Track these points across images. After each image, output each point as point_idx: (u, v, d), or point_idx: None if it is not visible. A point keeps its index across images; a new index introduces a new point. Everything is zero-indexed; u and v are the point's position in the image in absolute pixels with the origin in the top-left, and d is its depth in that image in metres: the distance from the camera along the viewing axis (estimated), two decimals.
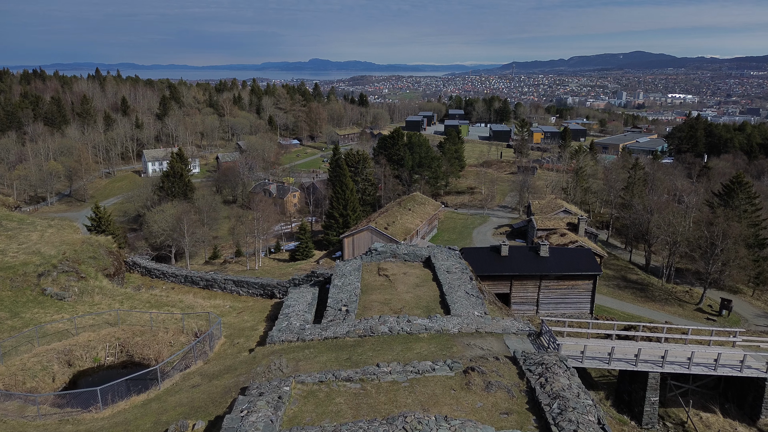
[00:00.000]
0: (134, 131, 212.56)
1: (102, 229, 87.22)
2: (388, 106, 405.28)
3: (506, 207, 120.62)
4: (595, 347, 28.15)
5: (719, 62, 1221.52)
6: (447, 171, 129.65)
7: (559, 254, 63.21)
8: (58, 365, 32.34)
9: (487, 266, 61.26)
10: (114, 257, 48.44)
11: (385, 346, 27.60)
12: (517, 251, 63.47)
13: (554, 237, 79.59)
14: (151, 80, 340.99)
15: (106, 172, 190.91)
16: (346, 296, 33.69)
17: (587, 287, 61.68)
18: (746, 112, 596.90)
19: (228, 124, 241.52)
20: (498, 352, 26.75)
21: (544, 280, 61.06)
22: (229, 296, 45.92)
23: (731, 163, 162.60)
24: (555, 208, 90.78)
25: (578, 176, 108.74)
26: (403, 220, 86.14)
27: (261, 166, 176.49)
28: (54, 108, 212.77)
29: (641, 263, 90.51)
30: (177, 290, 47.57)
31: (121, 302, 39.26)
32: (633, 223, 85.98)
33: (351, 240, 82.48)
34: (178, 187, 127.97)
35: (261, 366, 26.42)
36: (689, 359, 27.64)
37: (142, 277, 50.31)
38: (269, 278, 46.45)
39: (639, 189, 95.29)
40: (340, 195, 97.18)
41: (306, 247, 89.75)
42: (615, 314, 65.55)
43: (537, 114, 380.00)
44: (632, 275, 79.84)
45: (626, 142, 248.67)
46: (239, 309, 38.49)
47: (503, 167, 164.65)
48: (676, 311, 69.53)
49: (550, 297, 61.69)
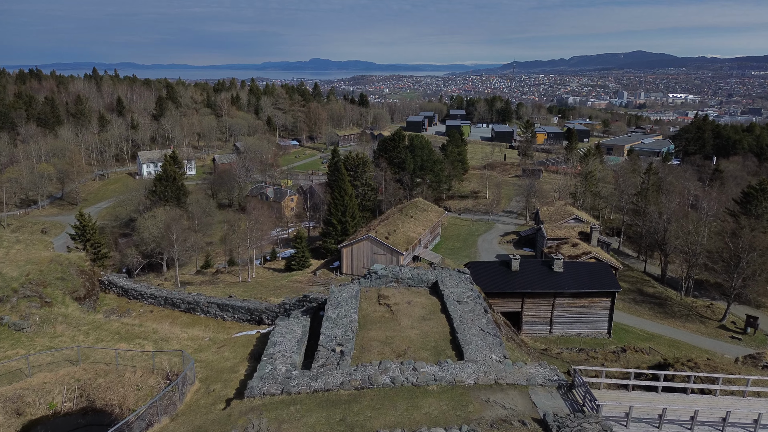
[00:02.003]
0: (129, 132, 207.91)
1: (87, 237, 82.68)
2: (388, 106, 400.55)
3: (512, 212, 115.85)
4: (642, 407, 23.40)
5: (720, 62, 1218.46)
6: (450, 174, 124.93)
7: (574, 269, 58.51)
8: (4, 415, 27.65)
9: (497, 282, 56.59)
10: (86, 277, 43.77)
11: (387, 402, 22.93)
12: (528, 266, 58.77)
13: (565, 247, 74.89)
14: (149, 80, 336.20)
15: (99, 173, 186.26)
16: (342, 332, 29.02)
17: (605, 305, 56.99)
18: (748, 112, 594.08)
19: (226, 124, 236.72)
20: (524, 412, 22.07)
21: (559, 298, 56.37)
22: (212, 322, 41.30)
23: (741, 165, 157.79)
24: (565, 215, 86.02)
25: (587, 181, 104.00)
26: (405, 228, 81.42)
27: (258, 168, 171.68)
28: (47, 108, 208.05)
29: (656, 274, 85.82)
30: (155, 314, 42.92)
31: (86, 333, 34.60)
32: (648, 231, 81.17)
33: (350, 250, 77.78)
34: (171, 191, 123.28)
35: (236, 429, 21.77)
36: (755, 422, 22.84)
37: (118, 298, 45.68)
38: (256, 302, 41.84)
39: (653, 195, 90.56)
40: (339, 201, 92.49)
41: (302, 256, 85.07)
42: (634, 333, 60.91)
43: (539, 114, 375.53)
44: (649, 288, 75.11)
45: (631, 143, 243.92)
46: (220, 342, 33.86)
47: (507, 169, 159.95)
48: (698, 329, 64.84)
49: (564, 316, 57.00)
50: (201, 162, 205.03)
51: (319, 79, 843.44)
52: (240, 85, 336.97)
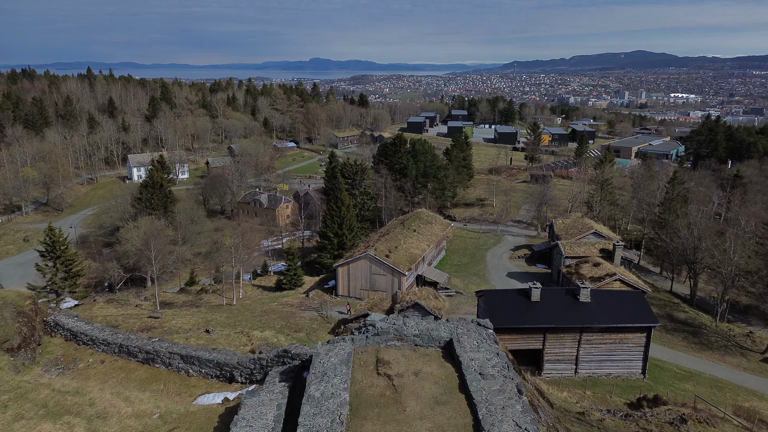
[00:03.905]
0: (120, 134, 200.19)
1: (57, 254, 75.09)
2: (389, 106, 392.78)
3: (521, 222, 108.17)
4: None
5: (721, 62, 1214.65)
6: (454, 181, 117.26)
7: (603, 299, 50.87)
8: None
9: (515, 315, 49.02)
10: (25, 320, 36.33)
11: None
12: (551, 295, 51.11)
13: (586, 267, 67.29)
14: (144, 80, 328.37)
15: (88, 177, 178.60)
16: (326, 423, 21.45)
17: (639, 341, 49.37)
18: (750, 111, 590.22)
19: (221, 125, 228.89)
20: None
21: (586, 333, 48.75)
22: (174, 378, 33.86)
23: (759, 170, 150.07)
24: (583, 229, 78.36)
25: (604, 189, 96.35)
26: (408, 244, 73.77)
27: (253, 172, 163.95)
28: (35, 109, 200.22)
29: (683, 293, 78.25)
30: (107, 365, 35.43)
31: (4, 407, 27.02)
32: (675, 248, 73.52)
33: (346, 269, 70.11)
34: (158, 199, 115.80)
35: None
36: None
37: (65, 344, 38.26)
38: (228, 353, 34.37)
39: (679, 206, 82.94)
40: (335, 212, 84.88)
41: (294, 275, 77.43)
42: (670, 371, 53.33)
43: (543, 115, 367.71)
44: (679, 313, 67.45)
45: (639, 146, 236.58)
46: (172, 421, 26.36)
47: (514, 174, 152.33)
48: (739, 363, 57.29)
49: (592, 353, 49.38)
50: (195, 165, 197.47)
51: (319, 78, 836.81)
52: (237, 85, 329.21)
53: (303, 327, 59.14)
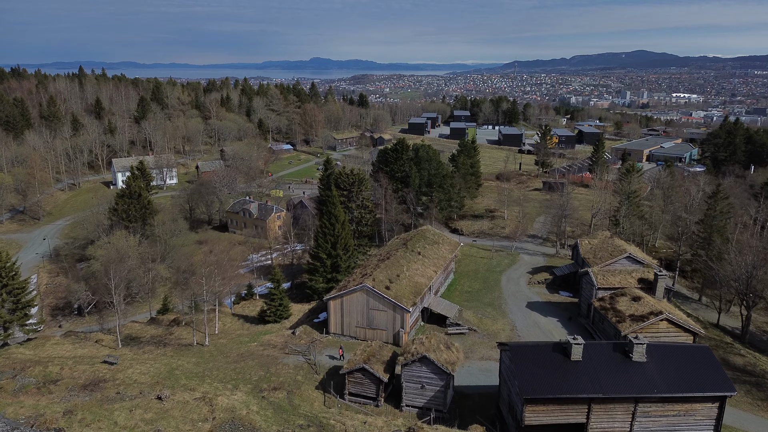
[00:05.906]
0: (106, 136, 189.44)
1: (3, 283, 64.52)
2: (389, 106, 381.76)
3: (536, 237, 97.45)
4: None
5: (722, 61, 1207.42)
6: (461, 190, 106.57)
7: (661, 356, 40.24)
8: None
9: (550, 380, 38.40)
10: None
11: None
12: (595, 352, 40.43)
13: (623, 301, 56.66)
14: (138, 79, 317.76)
15: (70, 183, 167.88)
16: None
17: (709, 413, 38.74)
18: (752, 111, 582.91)
19: (214, 127, 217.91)
20: None
21: (643, 404, 38.16)
22: None
23: None
24: (614, 252, 67.57)
25: (631, 202, 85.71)
26: (411, 271, 63.10)
27: (244, 178, 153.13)
28: (16, 110, 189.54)
29: (730, 326, 67.68)
30: None
31: None
32: (725, 276, 62.89)
33: (339, 303, 59.36)
34: (135, 210, 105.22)
35: None
36: None
37: None
38: None
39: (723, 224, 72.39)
40: (329, 230, 74.25)
41: (280, 305, 66.76)
42: None
43: (547, 115, 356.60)
44: (735, 357, 56.74)
45: (650, 148, 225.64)
46: None
47: (524, 181, 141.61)
48: None
49: (650, 429, 38.78)
50: (185, 169, 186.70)
51: (319, 78, 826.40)
52: (234, 85, 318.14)
53: (285, 381, 48.52)
